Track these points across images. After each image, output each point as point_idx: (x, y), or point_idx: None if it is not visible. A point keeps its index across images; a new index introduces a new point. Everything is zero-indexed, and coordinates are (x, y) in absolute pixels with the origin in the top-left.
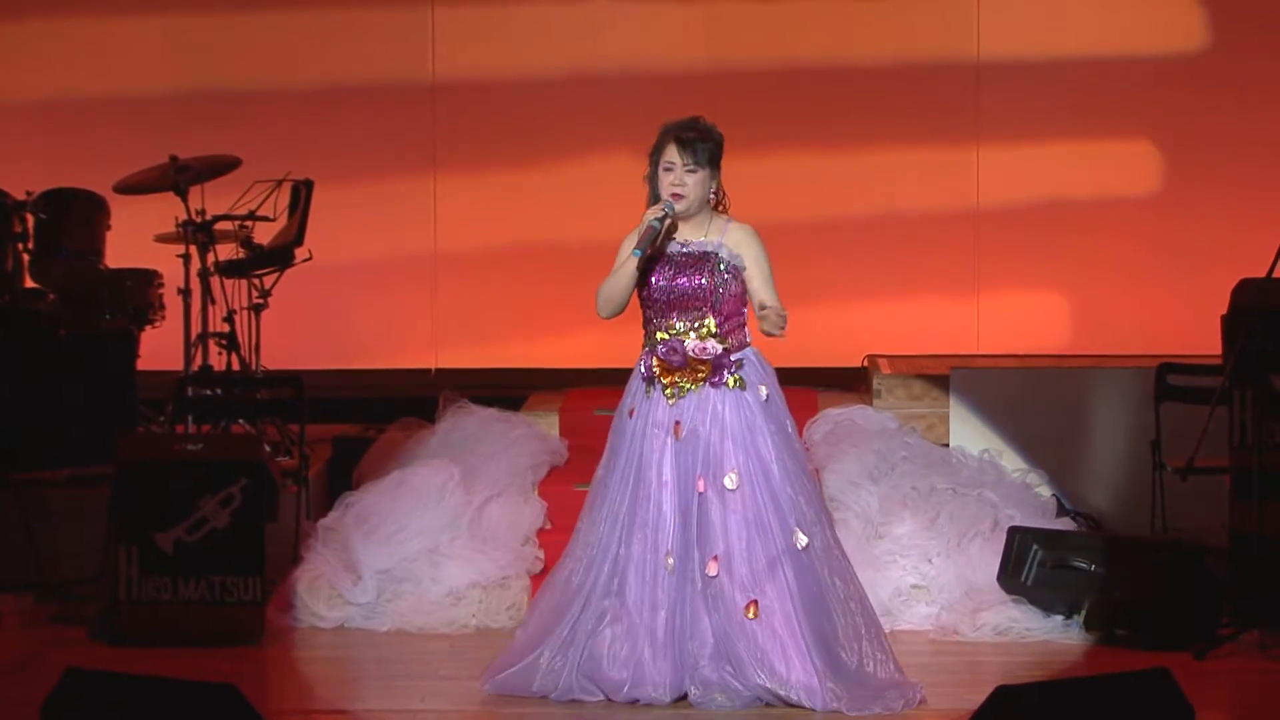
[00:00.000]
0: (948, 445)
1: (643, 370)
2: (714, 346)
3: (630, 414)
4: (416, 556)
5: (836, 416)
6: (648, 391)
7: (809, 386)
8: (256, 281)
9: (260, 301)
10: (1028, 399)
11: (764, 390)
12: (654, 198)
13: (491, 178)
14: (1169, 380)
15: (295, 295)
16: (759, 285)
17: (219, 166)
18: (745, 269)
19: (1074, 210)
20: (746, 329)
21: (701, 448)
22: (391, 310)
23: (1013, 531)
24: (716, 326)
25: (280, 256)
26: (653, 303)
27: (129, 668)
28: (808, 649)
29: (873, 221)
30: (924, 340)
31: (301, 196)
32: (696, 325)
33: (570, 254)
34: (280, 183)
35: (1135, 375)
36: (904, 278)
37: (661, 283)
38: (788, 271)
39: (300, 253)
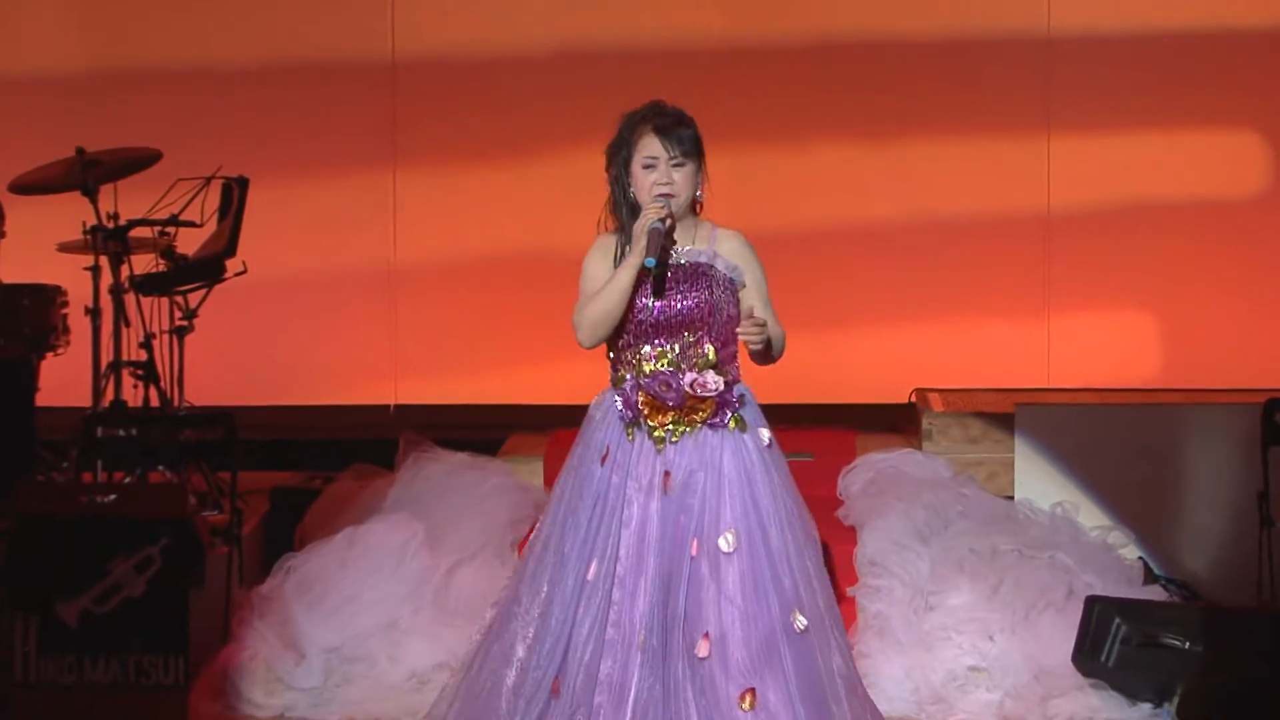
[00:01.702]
0: (1012, 498)
1: (622, 409)
2: (715, 380)
3: (602, 460)
4: (371, 632)
5: (878, 463)
6: (629, 435)
7: (845, 427)
8: (180, 300)
9: (184, 324)
10: (1109, 442)
11: (765, 434)
12: (623, 207)
13: (462, 174)
14: (1279, 419)
15: (226, 316)
16: (757, 305)
17: (135, 161)
18: (744, 285)
19: (1164, 213)
20: (738, 359)
21: (697, 502)
22: (342, 334)
23: (1091, 602)
24: (716, 354)
25: (208, 269)
26: (635, 325)
27: None
28: None
29: (921, 227)
30: (983, 371)
31: (234, 197)
32: (692, 354)
33: (557, 266)
34: (209, 181)
35: (1238, 413)
36: (959, 295)
37: (651, 301)
38: (819, 287)
39: (233, 265)
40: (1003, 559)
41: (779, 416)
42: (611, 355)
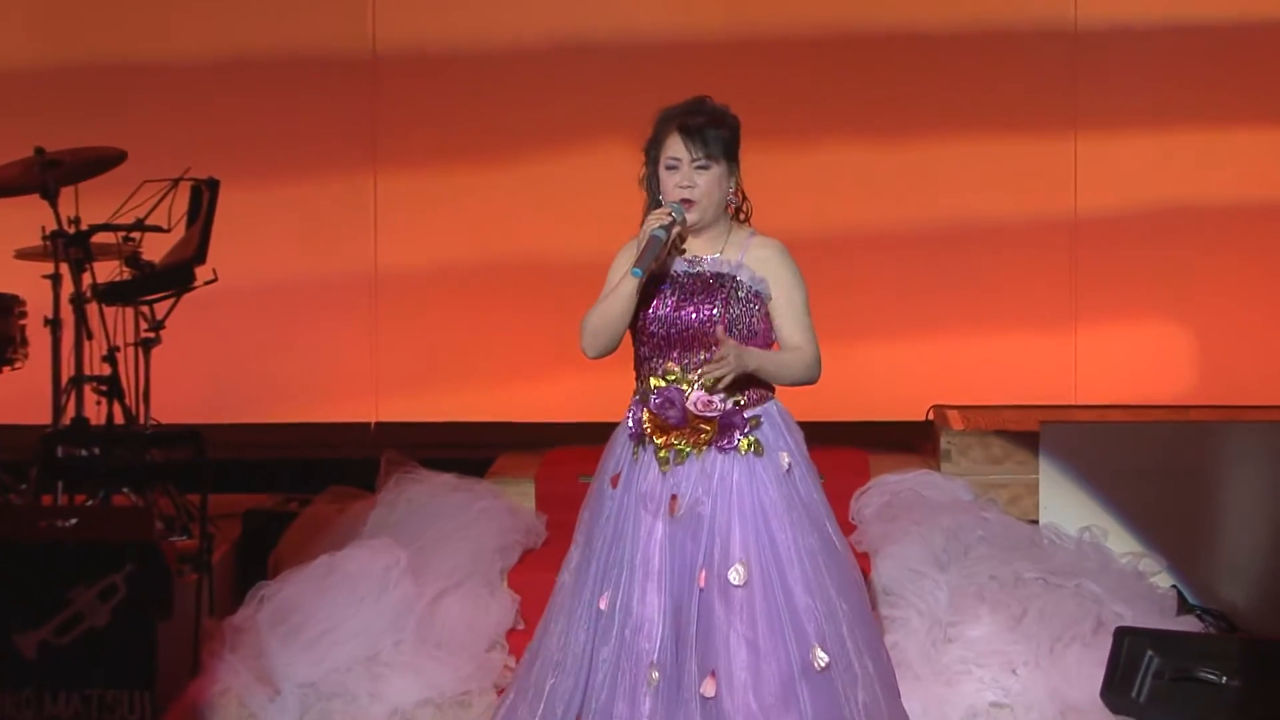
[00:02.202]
0: (1036, 522)
1: (631, 425)
2: (721, 400)
3: (613, 483)
4: (351, 666)
5: (894, 485)
6: (635, 454)
7: (858, 446)
8: (146, 310)
9: (151, 335)
10: (1140, 463)
11: (785, 459)
12: (653, 206)
13: (448, 176)
14: None
15: (195, 327)
16: (788, 322)
17: (98, 162)
18: (771, 298)
19: (1199, 218)
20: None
21: (705, 531)
22: (319, 347)
23: (1121, 633)
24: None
25: (176, 277)
26: (649, 337)
27: None
28: None
29: (938, 232)
30: (1006, 386)
31: (204, 201)
32: (700, 370)
33: (550, 275)
34: (177, 183)
35: (1278, 432)
36: (980, 305)
37: (662, 312)
38: (830, 297)
39: (202, 273)
40: (1026, 587)
41: None
42: (635, 368)
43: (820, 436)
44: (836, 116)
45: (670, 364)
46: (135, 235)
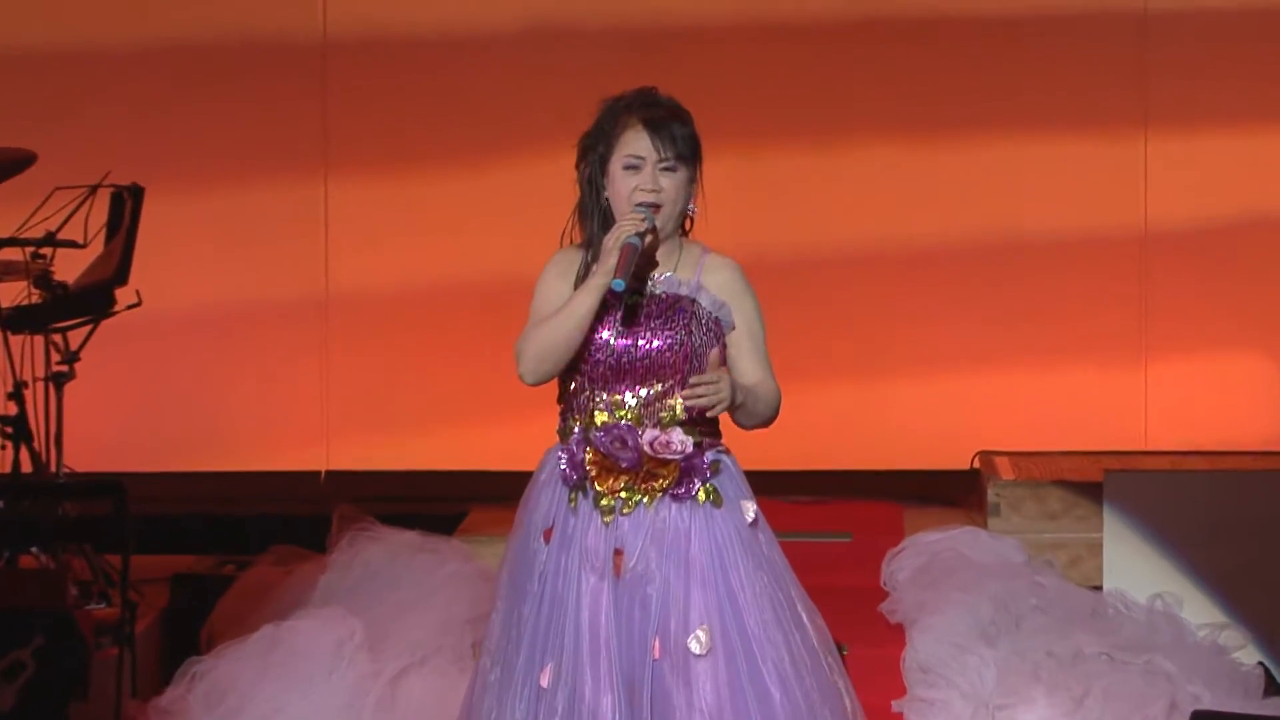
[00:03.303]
0: (1100, 588)
1: (565, 468)
2: (681, 441)
3: (545, 537)
4: None
5: (933, 545)
6: (572, 502)
7: (891, 500)
8: (58, 339)
9: (63, 369)
10: (1220, 518)
11: (749, 509)
12: (594, 216)
13: (410, 183)
14: None
15: (116, 359)
16: (747, 355)
17: (2, 166)
18: (734, 327)
19: None
20: (719, 419)
21: (656, 593)
22: (261, 382)
23: (1199, 718)
24: (685, 410)
25: (94, 301)
26: (592, 366)
27: None
28: None
29: (984, 249)
30: (1064, 430)
31: (126, 211)
32: (657, 407)
33: (529, 297)
34: (94, 190)
35: None
36: (1033, 335)
37: (613, 338)
38: (855, 325)
39: (124, 295)
40: (1088, 665)
41: (805, 486)
42: (561, 402)
43: (846, 488)
44: (863, 112)
45: (620, 397)
46: (45, 251)
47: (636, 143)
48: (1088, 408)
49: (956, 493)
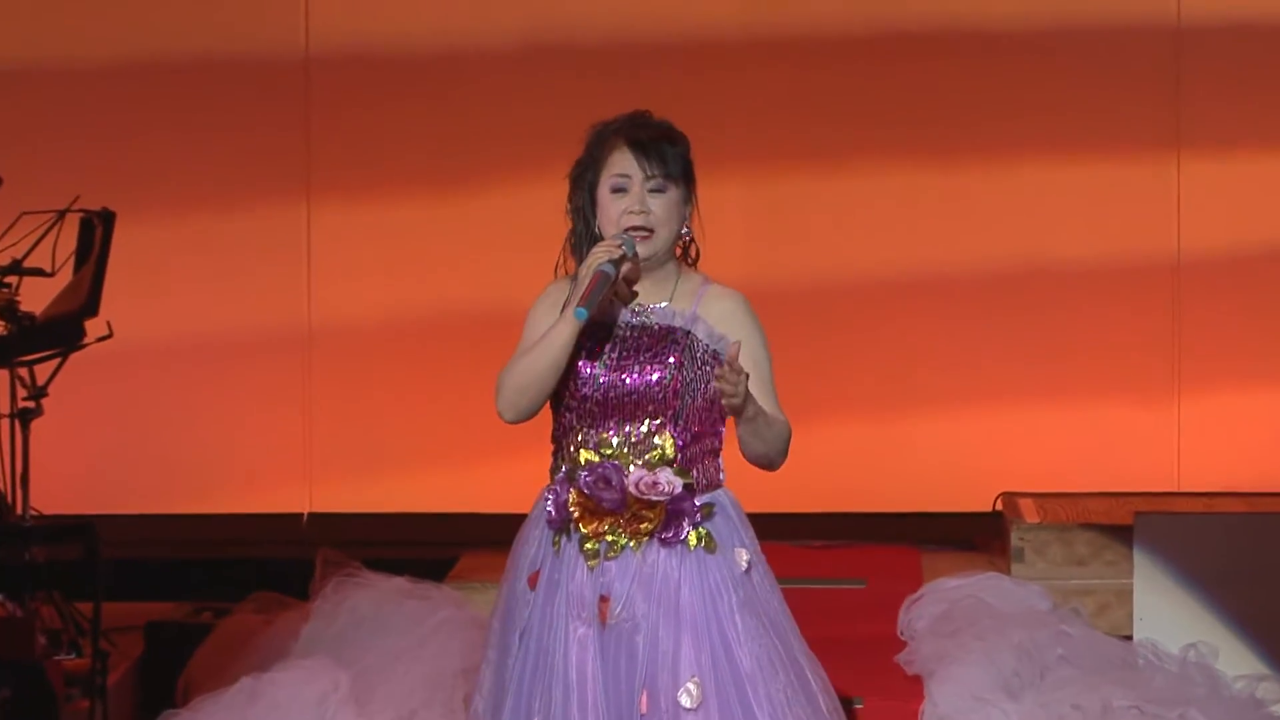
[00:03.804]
0: (1130, 637)
1: (550, 509)
2: (670, 481)
3: (531, 583)
4: None
5: (953, 592)
6: (556, 545)
7: (909, 544)
8: (24, 373)
9: (30, 405)
10: (1259, 563)
11: (743, 557)
12: (585, 244)
13: (397, 209)
14: None
15: (86, 395)
16: (752, 387)
17: None
18: None
19: None
20: (720, 459)
21: (643, 643)
22: (240, 420)
23: None
24: (676, 449)
25: (62, 333)
26: (579, 402)
27: None
28: None
29: (1006, 279)
30: (1092, 469)
31: (96, 238)
32: (644, 445)
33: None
34: (63, 215)
35: None
36: (1059, 370)
37: (598, 372)
38: (870, 358)
39: (94, 327)
40: (1118, 718)
41: (817, 530)
42: (553, 440)
43: (861, 531)
44: (880, 135)
45: (606, 435)
46: (11, 280)
47: (621, 162)
48: (1117, 446)
49: (978, 536)
